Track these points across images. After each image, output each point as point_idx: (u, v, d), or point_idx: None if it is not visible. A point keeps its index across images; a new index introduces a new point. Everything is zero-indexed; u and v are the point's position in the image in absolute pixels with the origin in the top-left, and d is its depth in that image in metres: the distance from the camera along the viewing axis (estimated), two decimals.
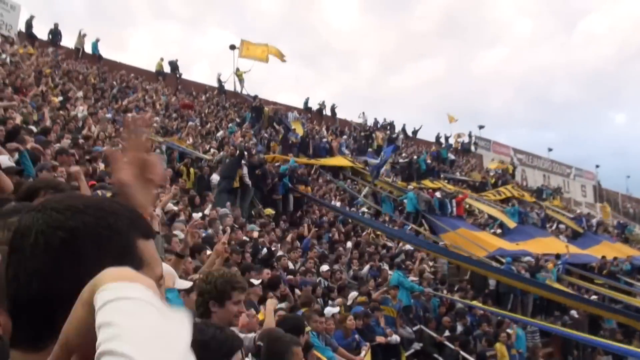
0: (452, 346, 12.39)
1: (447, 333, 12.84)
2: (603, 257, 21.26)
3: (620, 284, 19.14)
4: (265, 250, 11.53)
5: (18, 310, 1.01)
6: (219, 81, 32.11)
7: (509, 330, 13.86)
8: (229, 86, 32.56)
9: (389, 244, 17.42)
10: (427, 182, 26.48)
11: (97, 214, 1.04)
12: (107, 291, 0.82)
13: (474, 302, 14.57)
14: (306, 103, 35.74)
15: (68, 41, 27.80)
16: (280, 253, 12.03)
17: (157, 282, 1.05)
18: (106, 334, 0.74)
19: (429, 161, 30.34)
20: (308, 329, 7.28)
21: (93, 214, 1.04)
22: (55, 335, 0.92)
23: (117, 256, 0.99)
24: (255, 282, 8.30)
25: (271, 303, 6.12)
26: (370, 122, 37.55)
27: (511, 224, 23.17)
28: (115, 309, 0.78)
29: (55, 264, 0.99)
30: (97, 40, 28.23)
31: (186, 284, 3.84)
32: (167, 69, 30.69)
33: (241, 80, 33.01)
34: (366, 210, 19.99)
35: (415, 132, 41.42)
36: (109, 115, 17.57)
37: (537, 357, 14.09)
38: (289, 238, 13.97)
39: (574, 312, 16.89)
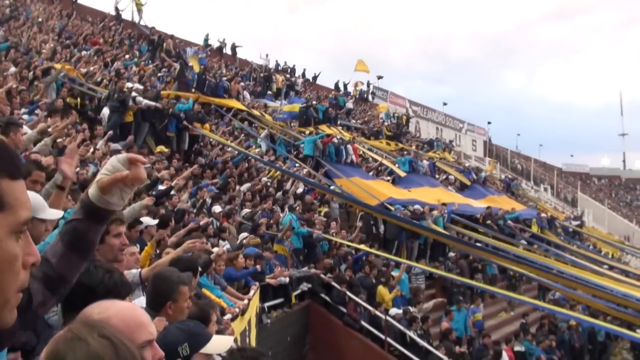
0: (339, 287, 12.76)
1: (331, 274, 13.19)
2: (488, 207, 22.34)
3: (503, 236, 20.21)
4: (162, 187, 11.29)
5: None
6: (117, 9, 30.46)
7: (393, 273, 14.43)
8: (126, 15, 31.09)
9: (285, 186, 17.47)
10: (324, 128, 26.61)
11: None
12: None
13: (362, 246, 15.01)
14: (206, 40, 34.74)
15: None
16: (172, 192, 11.81)
17: (21, 225, 1.04)
18: None
19: (326, 106, 30.42)
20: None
21: None
22: None
23: None
24: (152, 222, 8.09)
25: (190, 243, 5.96)
26: (271, 65, 37.15)
27: (401, 173, 23.79)
28: None
29: None
30: None
31: (57, 214, 3.49)
32: None
33: (139, 10, 31.49)
34: (262, 151, 19.92)
35: (314, 78, 41.48)
36: None
37: (418, 298, 14.78)
38: (184, 176, 13.60)
39: (452, 255, 17.89)
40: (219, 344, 2.67)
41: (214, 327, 4.19)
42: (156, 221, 8.37)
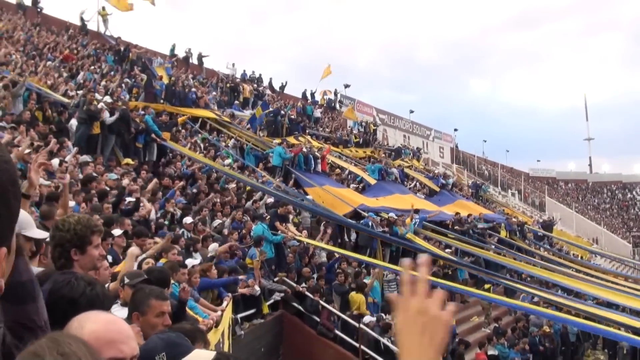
0: (312, 296, 12.69)
1: (305, 284, 13.12)
2: (457, 213, 22.52)
3: (472, 240, 20.36)
4: (131, 199, 11.11)
5: None
6: (82, 19, 30.11)
7: (365, 280, 14.38)
8: (92, 26, 30.69)
9: (254, 196, 17.34)
10: (291, 139, 26.47)
11: None
12: None
13: (336, 249, 15.05)
14: (172, 49, 34.45)
15: None
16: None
17: None
18: None
19: (293, 116, 30.33)
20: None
21: None
22: None
23: None
24: (117, 232, 8.02)
25: (133, 251, 5.91)
26: (238, 74, 37.01)
27: (371, 180, 23.87)
28: None
29: None
30: None
31: (42, 234, 3.40)
32: (28, 1, 28.58)
33: (105, 21, 31.15)
34: (231, 162, 19.76)
35: (282, 87, 41.44)
36: None
37: (392, 306, 14.75)
38: (150, 188, 13.39)
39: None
40: (198, 357, 2.59)
41: None
42: (122, 231, 8.29)
